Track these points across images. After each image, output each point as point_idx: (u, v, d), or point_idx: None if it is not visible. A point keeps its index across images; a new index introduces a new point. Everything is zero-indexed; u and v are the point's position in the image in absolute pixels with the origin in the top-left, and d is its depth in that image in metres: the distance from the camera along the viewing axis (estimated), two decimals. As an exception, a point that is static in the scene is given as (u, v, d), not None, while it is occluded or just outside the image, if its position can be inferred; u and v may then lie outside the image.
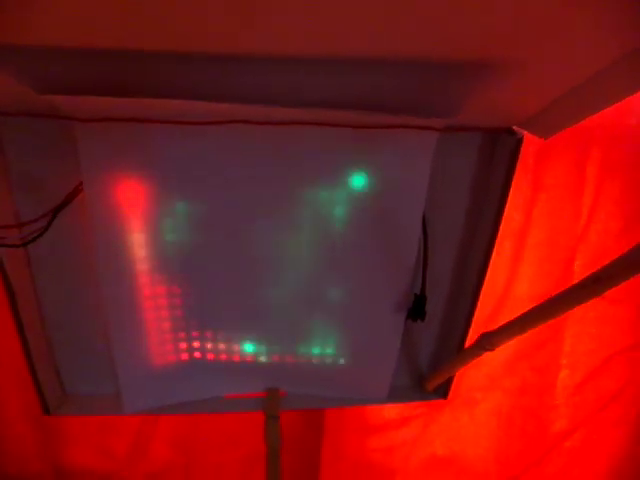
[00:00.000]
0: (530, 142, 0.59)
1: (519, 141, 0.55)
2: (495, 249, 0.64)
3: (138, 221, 0.59)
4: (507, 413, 1.01)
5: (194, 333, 0.70)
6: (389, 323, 0.67)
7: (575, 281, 0.98)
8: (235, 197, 0.59)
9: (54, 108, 0.50)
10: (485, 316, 0.89)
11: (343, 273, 0.64)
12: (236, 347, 0.71)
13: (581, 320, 0.96)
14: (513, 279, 0.92)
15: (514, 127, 0.55)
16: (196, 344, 0.71)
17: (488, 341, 0.56)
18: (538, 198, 0.88)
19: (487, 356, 0.60)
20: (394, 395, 0.75)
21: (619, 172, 0.90)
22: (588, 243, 0.92)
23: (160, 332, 0.68)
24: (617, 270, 0.39)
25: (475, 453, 1.04)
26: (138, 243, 0.61)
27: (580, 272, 0.93)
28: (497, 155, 0.59)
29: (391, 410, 0.98)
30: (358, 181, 0.58)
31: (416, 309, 0.64)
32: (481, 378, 0.99)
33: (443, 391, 0.77)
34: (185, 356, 0.71)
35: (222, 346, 0.71)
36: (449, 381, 0.75)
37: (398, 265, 0.63)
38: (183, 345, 0.70)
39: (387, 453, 1.01)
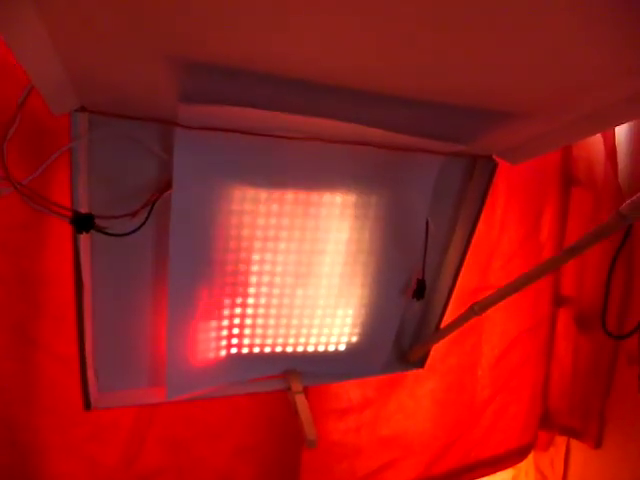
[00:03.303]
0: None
1: (495, 166, 0.78)
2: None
3: (214, 224, 0.70)
4: (443, 391, 1.24)
5: (235, 330, 0.81)
6: (395, 305, 0.85)
7: (493, 277, 1.24)
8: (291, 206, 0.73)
9: (159, 113, 0.59)
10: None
11: (366, 267, 0.81)
12: (269, 338, 0.83)
13: (494, 309, 1.24)
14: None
15: (493, 155, 0.79)
16: (235, 339, 0.81)
17: (479, 307, 0.78)
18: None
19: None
20: (384, 367, 0.93)
21: (519, 191, 1.21)
22: (501, 247, 1.22)
23: (208, 328, 0.78)
24: (584, 243, 0.62)
25: (419, 428, 1.24)
26: (210, 246, 0.72)
27: (496, 269, 1.21)
28: (476, 175, 0.82)
29: (356, 393, 1.15)
30: (383, 192, 0.77)
31: (419, 291, 0.84)
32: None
33: (421, 362, 0.96)
34: (223, 349, 0.81)
35: (257, 340, 0.83)
36: (427, 353, 0.95)
37: (408, 257, 0.82)
38: (224, 340, 0.81)
39: (355, 433, 1.16)
